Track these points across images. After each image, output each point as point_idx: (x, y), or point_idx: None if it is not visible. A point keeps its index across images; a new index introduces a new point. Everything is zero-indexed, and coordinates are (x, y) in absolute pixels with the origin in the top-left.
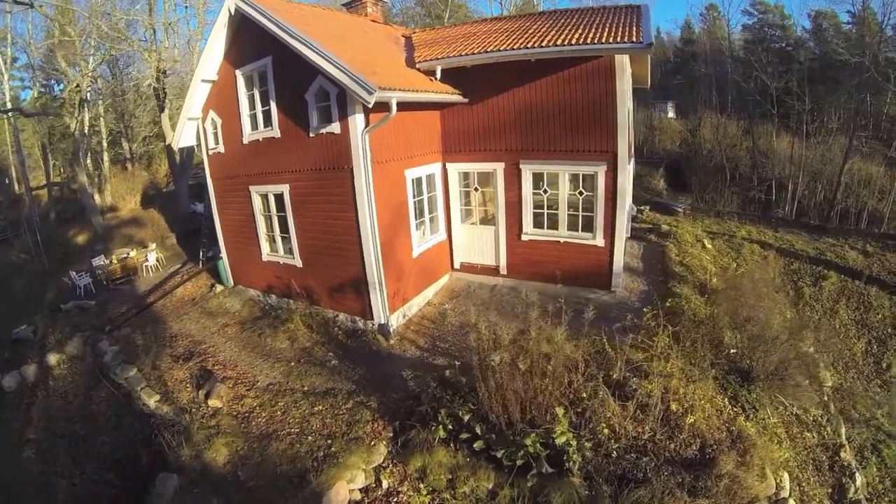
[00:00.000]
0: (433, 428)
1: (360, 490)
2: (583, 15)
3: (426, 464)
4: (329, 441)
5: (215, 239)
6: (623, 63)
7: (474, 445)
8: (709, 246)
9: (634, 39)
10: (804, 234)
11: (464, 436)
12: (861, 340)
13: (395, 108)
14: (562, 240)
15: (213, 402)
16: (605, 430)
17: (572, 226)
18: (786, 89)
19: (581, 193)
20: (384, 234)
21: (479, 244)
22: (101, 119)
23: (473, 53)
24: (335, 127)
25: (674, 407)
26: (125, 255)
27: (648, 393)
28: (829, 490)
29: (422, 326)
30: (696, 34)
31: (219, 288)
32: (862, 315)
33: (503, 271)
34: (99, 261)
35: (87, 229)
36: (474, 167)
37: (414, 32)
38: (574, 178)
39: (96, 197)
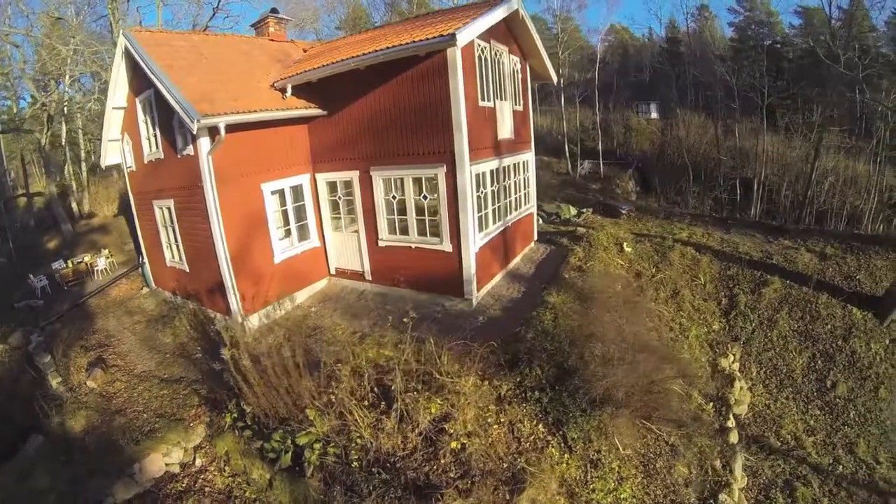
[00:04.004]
0: (223, 415)
1: (180, 465)
2: (444, 14)
3: (230, 448)
4: (157, 419)
5: None
6: (456, 60)
7: (244, 434)
8: (628, 250)
9: (445, 34)
10: (759, 236)
11: (240, 424)
12: (803, 355)
13: (223, 131)
14: (413, 245)
15: (90, 384)
16: (359, 440)
17: (421, 231)
18: (750, 86)
19: (425, 197)
20: (235, 243)
21: (348, 250)
22: (80, 131)
23: (312, 69)
24: (190, 149)
25: (448, 428)
26: (80, 260)
27: (419, 409)
28: None
29: (282, 327)
30: (680, 33)
31: (145, 290)
32: (807, 325)
33: (368, 277)
34: (58, 265)
35: (59, 236)
36: (336, 176)
37: (312, 47)
38: (417, 182)
39: (74, 205)
